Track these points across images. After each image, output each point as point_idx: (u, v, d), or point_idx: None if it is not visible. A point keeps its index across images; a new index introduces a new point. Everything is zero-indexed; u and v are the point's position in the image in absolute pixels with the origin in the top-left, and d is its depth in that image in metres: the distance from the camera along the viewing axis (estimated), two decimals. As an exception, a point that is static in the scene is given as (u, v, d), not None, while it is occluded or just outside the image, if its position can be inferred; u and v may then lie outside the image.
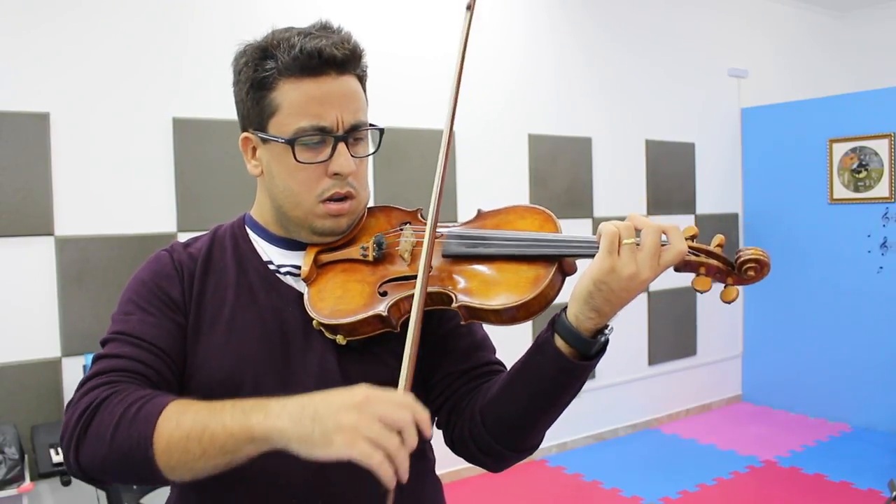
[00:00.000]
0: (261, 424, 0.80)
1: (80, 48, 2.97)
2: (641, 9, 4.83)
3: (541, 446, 1.05)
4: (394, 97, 3.72)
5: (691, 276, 0.91)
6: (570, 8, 4.50)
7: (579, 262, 0.96)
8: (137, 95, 3.09)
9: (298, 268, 1.06)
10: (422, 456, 1.10)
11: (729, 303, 0.90)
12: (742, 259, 0.89)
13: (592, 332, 0.90)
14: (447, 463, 1.18)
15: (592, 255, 0.90)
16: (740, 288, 0.91)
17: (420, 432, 0.79)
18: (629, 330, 4.80)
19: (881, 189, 4.68)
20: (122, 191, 3.06)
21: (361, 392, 0.79)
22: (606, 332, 0.92)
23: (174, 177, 3.18)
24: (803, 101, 5.16)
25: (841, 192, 4.88)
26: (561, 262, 0.94)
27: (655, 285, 4.90)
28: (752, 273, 0.89)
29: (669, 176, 4.99)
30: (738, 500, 3.76)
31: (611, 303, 0.87)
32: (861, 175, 4.77)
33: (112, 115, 3.04)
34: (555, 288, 0.94)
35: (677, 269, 0.91)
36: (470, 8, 1.03)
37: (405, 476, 0.77)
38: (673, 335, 5.06)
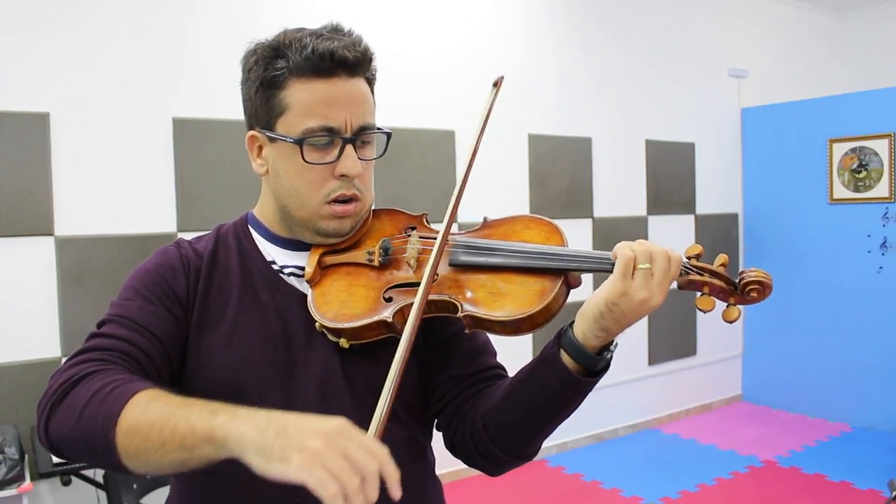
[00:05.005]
0: (223, 426, 0.76)
1: (81, 48, 2.97)
2: (641, 9, 4.83)
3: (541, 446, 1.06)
4: (395, 97, 3.72)
5: (695, 294, 0.93)
6: (570, 8, 4.50)
7: (586, 278, 0.97)
8: (138, 95, 3.09)
9: (302, 268, 1.05)
10: (422, 457, 1.10)
11: (730, 322, 0.91)
12: (745, 280, 0.91)
13: (598, 349, 0.92)
14: (447, 463, 1.18)
15: (597, 271, 0.93)
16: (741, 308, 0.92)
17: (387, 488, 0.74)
18: (629, 330, 4.75)
19: (881, 189, 4.68)
20: (122, 191, 3.06)
21: (337, 423, 0.75)
22: (612, 348, 0.93)
23: (174, 177, 3.18)
24: (803, 101, 5.16)
25: (841, 192, 4.88)
26: (566, 276, 0.95)
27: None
28: (754, 294, 0.91)
29: (669, 176, 4.99)
30: (738, 500, 3.76)
31: (619, 323, 0.89)
32: (861, 175, 4.77)
33: (112, 115, 3.03)
34: (559, 301, 0.94)
35: (681, 288, 0.94)
36: (497, 85, 1.06)
37: None
38: (673, 335, 5.06)
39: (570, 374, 0.91)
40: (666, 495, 3.77)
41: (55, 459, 2.57)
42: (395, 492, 0.73)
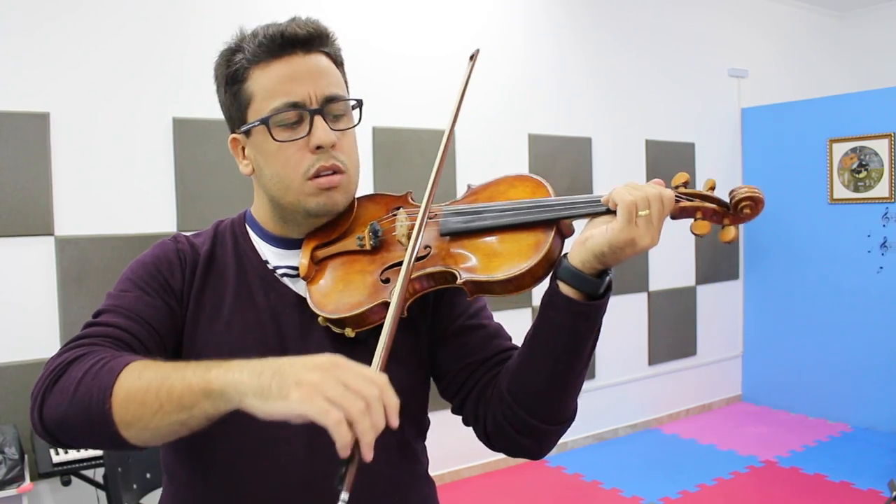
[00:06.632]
0: (219, 378, 0.77)
1: (81, 48, 2.97)
2: (641, 9, 4.83)
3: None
4: (394, 97, 3.72)
5: (689, 223, 0.94)
6: (570, 8, 4.50)
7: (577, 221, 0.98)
8: (138, 95, 3.09)
9: (295, 268, 1.05)
10: (414, 458, 1.09)
11: (728, 242, 0.92)
12: (737, 198, 0.91)
13: (597, 274, 0.92)
14: (447, 463, 1.18)
15: (588, 215, 0.94)
16: (740, 235, 0.92)
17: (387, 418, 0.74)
18: (629, 330, 4.80)
19: (881, 189, 4.68)
20: (122, 191, 3.06)
21: (330, 357, 0.76)
22: (609, 272, 0.93)
23: (174, 177, 3.18)
24: (803, 101, 5.16)
25: (841, 192, 4.88)
26: (559, 225, 0.95)
27: (655, 285, 4.90)
28: (747, 211, 0.91)
29: (670, 176, 4.94)
30: (738, 500, 3.76)
31: (618, 260, 0.90)
32: (861, 175, 4.77)
33: (112, 115, 3.04)
34: (556, 251, 0.95)
35: (675, 217, 0.94)
36: (473, 58, 1.05)
37: (369, 453, 0.72)
38: (673, 335, 5.06)
39: (576, 304, 0.91)
40: (666, 495, 3.77)
41: (55, 459, 2.57)
42: (394, 420, 0.74)
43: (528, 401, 0.97)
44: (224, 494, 0.99)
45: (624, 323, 4.74)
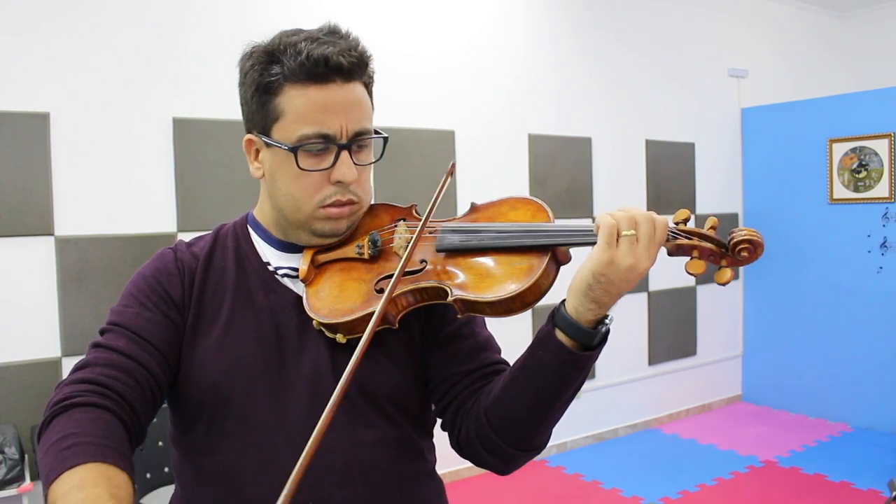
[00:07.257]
0: None
1: (81, 48, 2.97)
2: (641, 9, 4.83)
3: (540, 446, 1.04)
4: (395, 97, 3.72)
5: (685, 260, 0.92)
6: (570, 8, 4.50)
7: (575, 253, 0.96)
8: (138, 95, 3.09)
9: (296, 269, 1.06)
10: (418, 456, 1.09)
11: (723, 284, 0.90)
12: (735, 240, 0.89)
13: (593, 323, 0.91)
14: (447, 463, 1.18)
15: (585, 243, 0.91)
16: (741, 268, 0.91)
17: None
18: (629, 330, 4.80)
19: (881, 189, 4.68)
20: (122, 191, 3.06)
21: None
22: (607, 321, 0.92)
23: (174, 177, 3.18)
24: (803, 101, 5.16)
25: (841, 192, 4.88)
26: (554, 252, 0.94)
27: (655, 285, 4.90)
28: (745, 254, 0.89)
29: (669, 176, 4.99)
30: (738, 500, 3.76)
31: (610, 294, 0.88)
32: (861, 175, 4.77)
33: (112, 115, 3.04)
34: (549, 277, 0.94)
35: (671, 254, 0.92)
36: (450, 171, 1.05)
37: None
38: (673, 335, 5.06)
39: (567, 351, 0.90)
40: (666, 495, 3.77)
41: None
42: None
43: (501, 426, 0.98)
44: (226, 491, 0.99)
45: (624, 323, 4.74)
